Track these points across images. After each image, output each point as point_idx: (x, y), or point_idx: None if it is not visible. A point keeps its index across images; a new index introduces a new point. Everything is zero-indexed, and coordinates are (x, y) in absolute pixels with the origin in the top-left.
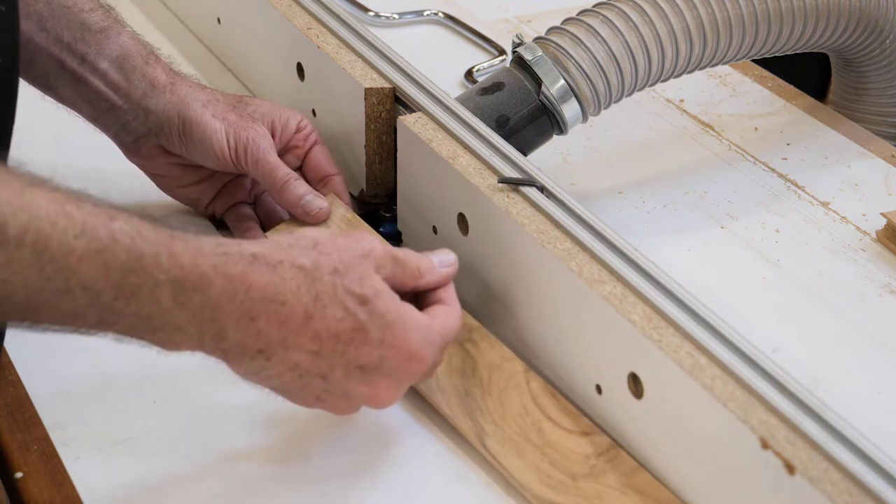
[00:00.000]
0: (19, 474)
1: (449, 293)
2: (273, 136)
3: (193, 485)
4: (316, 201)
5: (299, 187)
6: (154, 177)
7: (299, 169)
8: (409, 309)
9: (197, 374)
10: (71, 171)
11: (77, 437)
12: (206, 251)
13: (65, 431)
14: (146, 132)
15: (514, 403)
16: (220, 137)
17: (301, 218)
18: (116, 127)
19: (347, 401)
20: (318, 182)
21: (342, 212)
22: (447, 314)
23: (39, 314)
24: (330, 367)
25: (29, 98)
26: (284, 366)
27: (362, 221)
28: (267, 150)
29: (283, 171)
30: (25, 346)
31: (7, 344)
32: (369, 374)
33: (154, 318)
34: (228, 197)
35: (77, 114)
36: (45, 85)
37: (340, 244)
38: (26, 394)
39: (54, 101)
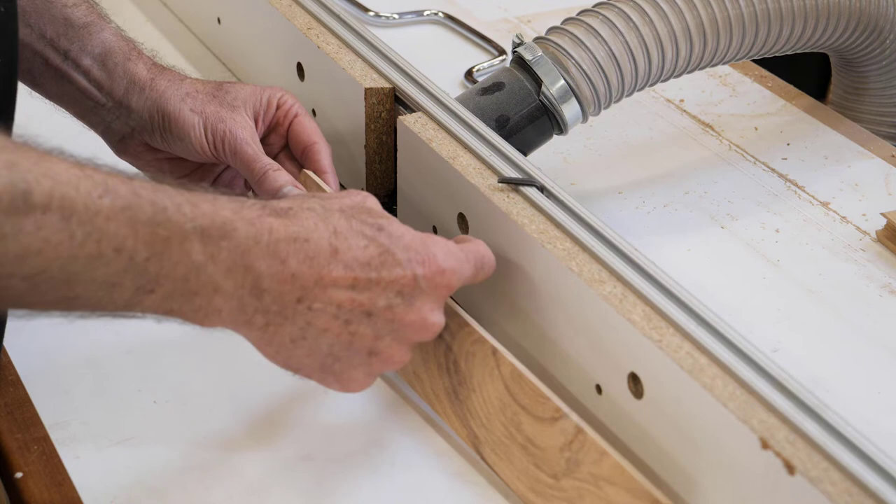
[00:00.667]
0: (19, 474)
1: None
2: (256, 121)
3: (193, 485)
4: (291, 195)
5: (277, 179)
6: (146, 173)
7: (286, 146)
8: (416, 231)
9: (197, 374)
10: None
11: (77, 437)
12: (222, 200)
13: (65, 431)
14: (130, 131)
15: (493, 397)
16: (197, 132)
17: None
18: (102, 126)
19: (399, 342)
20: (301, 153)
21: None
22: (470, 242)
23: (76, 287)
24: (371, 300)
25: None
26: (327, 312)
27: None
28: (244, 140)
29: (261, 162)
30: (25, 346)
31: (7, 344)
32: (409, 297)
33: (190, 278)
34: (225, 187)
35: (64, 111)
36: (32, 81)
37: (335, 195)
38: (26, 394)
39: (42, 99)
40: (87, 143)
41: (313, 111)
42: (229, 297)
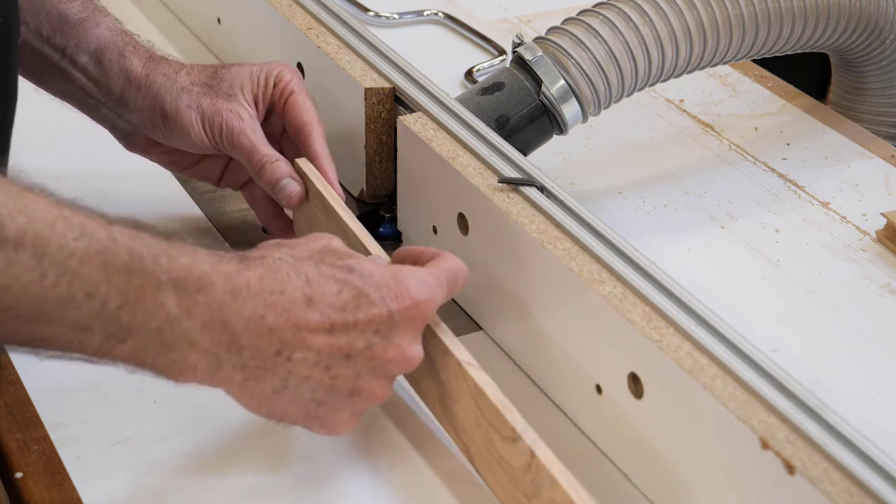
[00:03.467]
0: (19, 474)
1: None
2: (256, 103)
3: (193, 485)
4: (288, 188)
5: (275, 171)
6: (159, 163)
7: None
8: (390, 265)
9: None
10: (67, 175)
11: (77, 437)
12: (201, 253)
13: (65, 431)
14: (133, 128)
15: (469, 412)
16: (196, 129)
17: (278, 202)
18: (108, 123)
19: (380, 378)
20: (294, 135)
21: (316, 188)
22: (439, 259)
23: (45, 328)
24: (349, 343)
25: (22, 96)
26: (307, 360)
27: (333, 195)
28: (242, 132)
29: (259, 153)
30: None
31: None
32: (387, 334)
33: (164, 330)
34: (238, 170)
35: (72, 107)
36: (38, 79)
37: (302, 241)
38: (26, 394)
39: (48, 96)
40: (87, 141)
41: None
42: (205, 353)
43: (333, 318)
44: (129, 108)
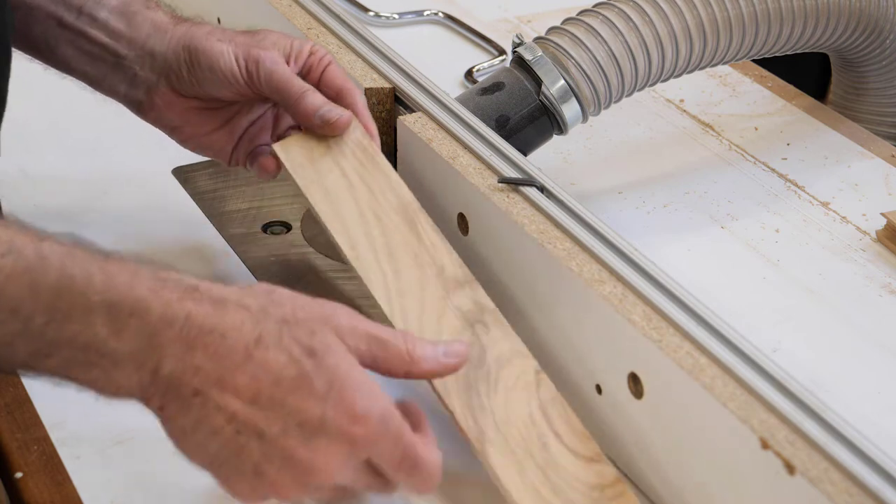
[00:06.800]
0: (19, 474)
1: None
2: (287, 63)
3: (193, 485)
4: (335, 109)
5: (316, 98)
6: (173, 131)
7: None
8: (365, 376)
9: None
10: (68, 175)
11: (77, 437)
12: (144, 275)
13: (65, 431)
14: (156, 79)
15: (521, 409)
16: (228, 58)
17: (319, 130)
18: (125, 83)
19: (287, 470)
20: (334, 97)
21: (358, 136)
22: (416, 438)
23: None
24: (267, 421)
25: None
26: (221, 415)
27: (378, 151)
28: (280, 62)
29: (299, 82)
30: None
31: None
32: (309, 434)
33: (90, 348)
34: (249, 142)
35: (82, 82)
36: (46, 49)
37: (300, 301)
38: (26, 394)
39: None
40: (87, 141)
41: None
42: (128, 375)
43: (262, 387)
44: (154, 55)
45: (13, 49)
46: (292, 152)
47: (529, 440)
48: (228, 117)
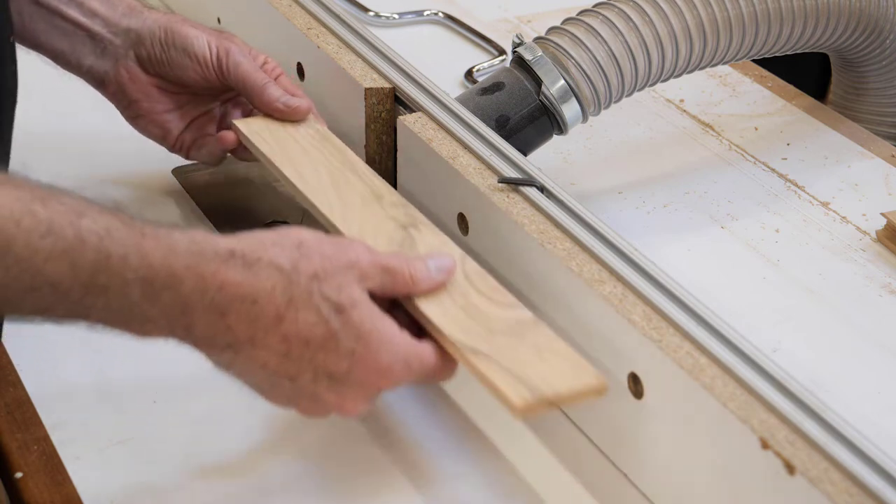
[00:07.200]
0: (19, 474)
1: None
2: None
3: (193, 485)
4: (296, 98)
5: (278, 89)
6: (129, 104)
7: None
8: (387, 324)
9: (197, 374)
10: (68, 174)
11: (77, 437)
12: (179, 249)
13: (65, 431)
14: (125, 52)
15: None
16: (201, 44)
17: (282, 115)
18: (94, 55)
19: (316, 404)
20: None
21: (312, 123)
22: (431, 353)
23: (5, 308)
24: (298, 371)
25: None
26: (253, 363)
27: (333, 136)
28: (247, 55)
29: (263, 74)
30: (25, 346)
31: (7, 344)
32: (337, 383)
33: (124, 311)
34: (197, 129)
35: (46, 57)
36: (19, 26)
37: (326, 250)
38: (26, 394)
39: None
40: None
41: None
42: (161, 327)
43: (292, 346)
44: (129, 30)
45: None
46: (252, 125)
47: (452, 291)
48: (183, 102)
